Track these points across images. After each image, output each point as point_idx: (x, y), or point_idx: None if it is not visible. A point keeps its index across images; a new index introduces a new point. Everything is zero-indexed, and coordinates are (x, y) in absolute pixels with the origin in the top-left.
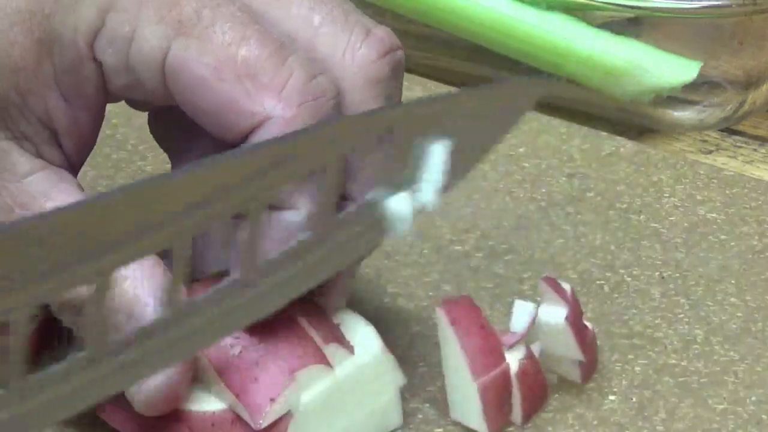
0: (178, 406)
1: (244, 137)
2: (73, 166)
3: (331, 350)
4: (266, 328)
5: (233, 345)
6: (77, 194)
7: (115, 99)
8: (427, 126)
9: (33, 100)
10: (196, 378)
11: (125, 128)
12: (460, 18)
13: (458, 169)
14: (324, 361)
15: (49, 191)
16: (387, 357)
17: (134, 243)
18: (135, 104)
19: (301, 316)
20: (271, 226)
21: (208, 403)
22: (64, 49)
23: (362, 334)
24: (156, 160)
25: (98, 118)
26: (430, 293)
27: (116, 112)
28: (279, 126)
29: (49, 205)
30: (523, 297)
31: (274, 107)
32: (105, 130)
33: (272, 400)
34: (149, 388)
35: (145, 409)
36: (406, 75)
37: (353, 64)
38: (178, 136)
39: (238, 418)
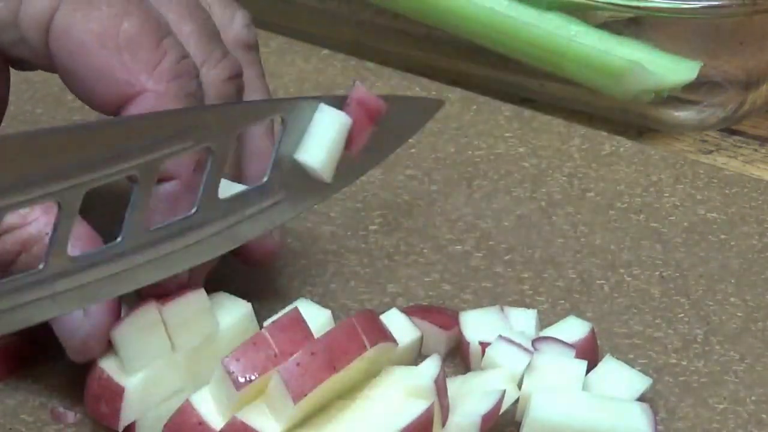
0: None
1: (116, 109)
2: None
3: None
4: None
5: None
6: None
7: (7, 59)
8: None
9: None
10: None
11: None
12: (460, 18)
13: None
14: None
15: None
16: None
17: (25, 189)
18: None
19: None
20: (154, 196)
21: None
22: None
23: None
24: None
25: (2, 76)
26: (430, 293)
27: None
28: (150, 100)
29: None
30: (523, 297)
31: (147, 81)
32: None
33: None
34: (80, 334)
35: (76, 354)
36: (406, 75)
37: (208, 78)
38: None
39: None
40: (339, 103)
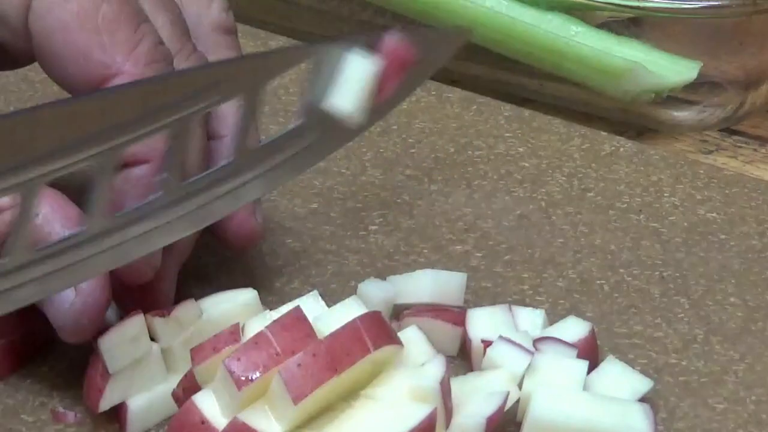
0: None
1: (91, 92)
2: None
3: None
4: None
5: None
6: None
7: None
8: None
9: None
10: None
11: None
12: (460, 18)
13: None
14: None
15: None
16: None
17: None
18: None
19: None
20: (124, 181)
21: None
22: None
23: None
24: None
25: None
26: None
27: None
28: (126, 81)
29: None
30: (523, 297)
31: (124, 63)
32: None
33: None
34: (72, 314)
35: (70, 335)
36: None
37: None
38: None
39: None
40: (370, 45)
